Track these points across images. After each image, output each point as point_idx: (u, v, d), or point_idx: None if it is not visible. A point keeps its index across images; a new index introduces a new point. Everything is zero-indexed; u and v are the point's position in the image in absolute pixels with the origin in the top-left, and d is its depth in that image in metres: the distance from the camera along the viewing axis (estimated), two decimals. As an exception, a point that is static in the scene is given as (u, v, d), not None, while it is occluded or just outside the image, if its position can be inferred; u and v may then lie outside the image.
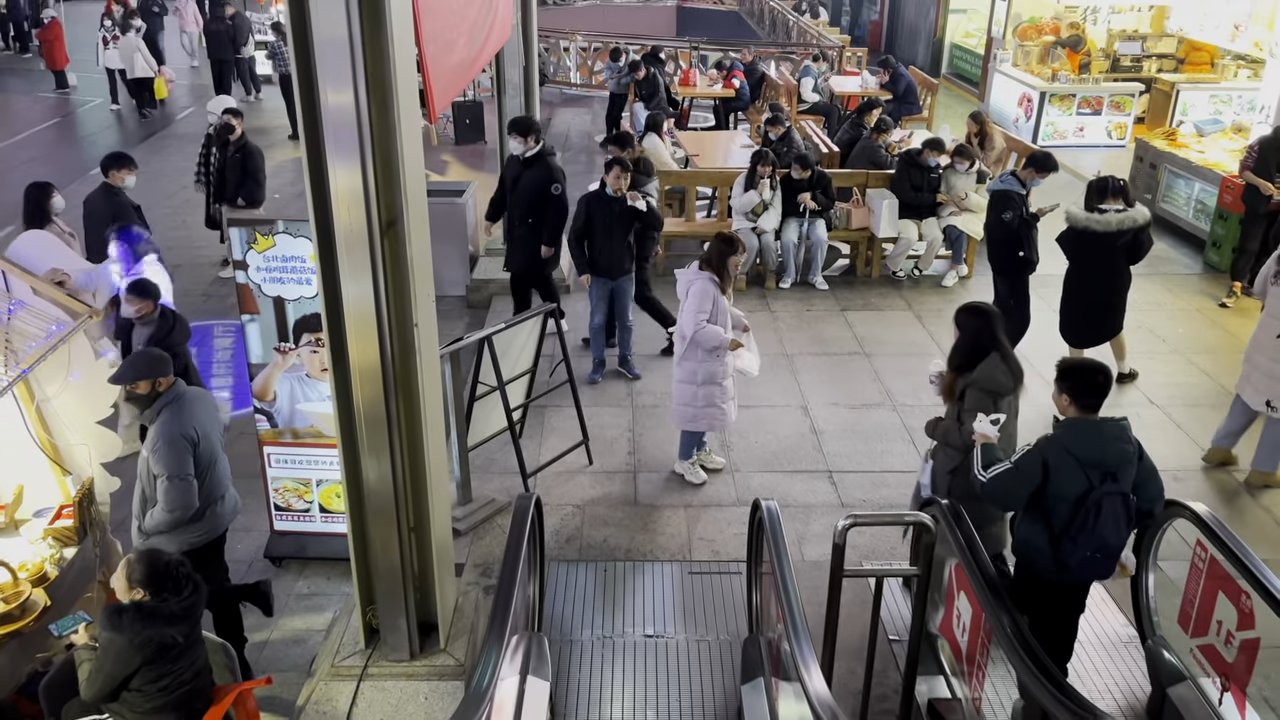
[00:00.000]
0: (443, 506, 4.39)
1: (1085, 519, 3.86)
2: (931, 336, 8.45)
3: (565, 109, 17.57)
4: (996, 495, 4.07)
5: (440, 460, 4.32)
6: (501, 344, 5.97)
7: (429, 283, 4.01)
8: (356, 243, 3.65)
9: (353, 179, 3.57)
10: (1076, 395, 4.00)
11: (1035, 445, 4.01)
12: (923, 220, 9.45)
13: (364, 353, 3.80)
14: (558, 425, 7.00)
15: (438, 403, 4.24)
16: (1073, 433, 3.94)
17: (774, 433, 6.92)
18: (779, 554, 3.94)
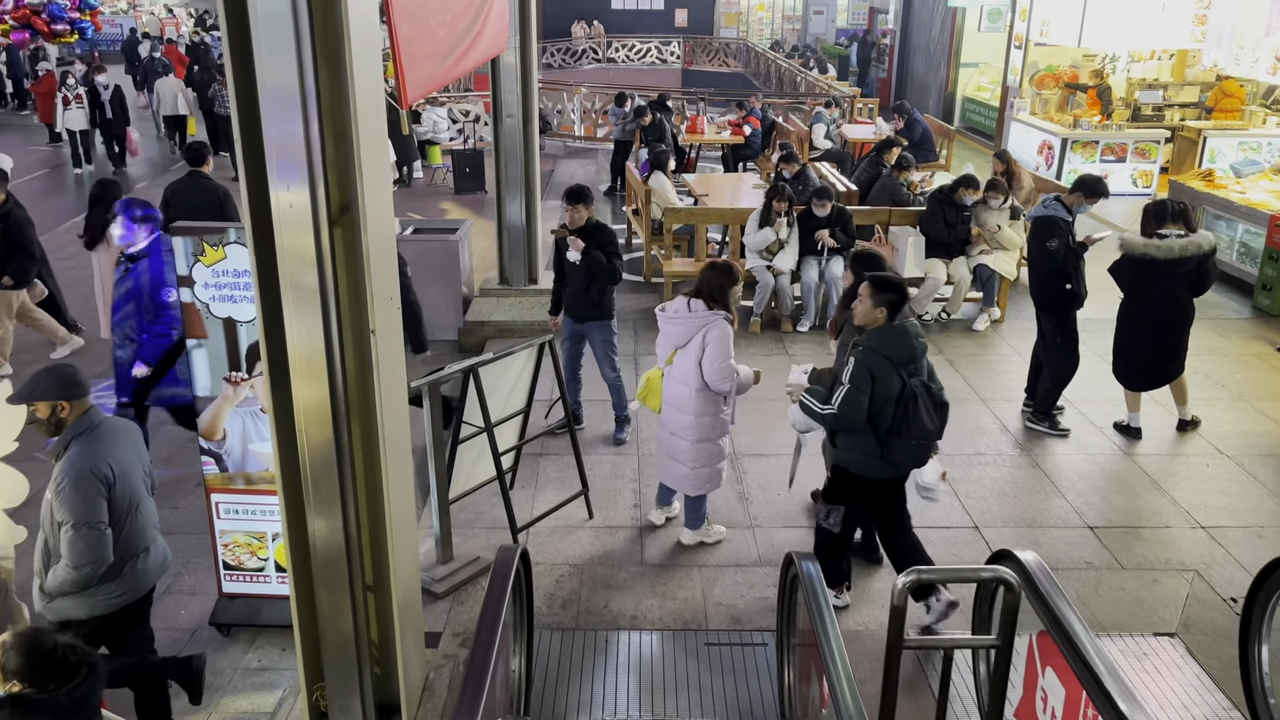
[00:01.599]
0: (409, 562, 3.62)
1: (906, 412, 4.39)
2: (966, 381, 7.70)
3: (569, 160, 17.08)
4: (849, 416, 4.40)
5: (406, 505, 3.57)
6: (490, 378, 5.23)
7: (392, 282, 3.30)
8: (299, 232, 2.96)
9: (295, 150, 2.88)
10: (894, 308, 4.44)
11: (855, 361, 4.41)
12: (951, 259, 8.77)
13: (308, 371, 3.08)
14: (554, 475, 6.23)
15: (404, 435, 3.50)
16: (885, 338, 4.40)
17: (798, 483, 6.13)
18: (823, 620, 3.15)
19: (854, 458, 4.56)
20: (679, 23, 33.44)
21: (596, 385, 7.48)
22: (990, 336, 8.64)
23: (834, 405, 4.41)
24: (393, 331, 3.36)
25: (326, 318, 3.02)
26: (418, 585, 3.81)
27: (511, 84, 8.00)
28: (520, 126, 8.20)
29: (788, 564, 3.74)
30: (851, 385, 4.35)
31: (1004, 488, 6.14)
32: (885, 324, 4.42)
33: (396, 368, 3.39)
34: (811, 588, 3.32)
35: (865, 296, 4.45)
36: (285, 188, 2.94)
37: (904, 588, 3.10)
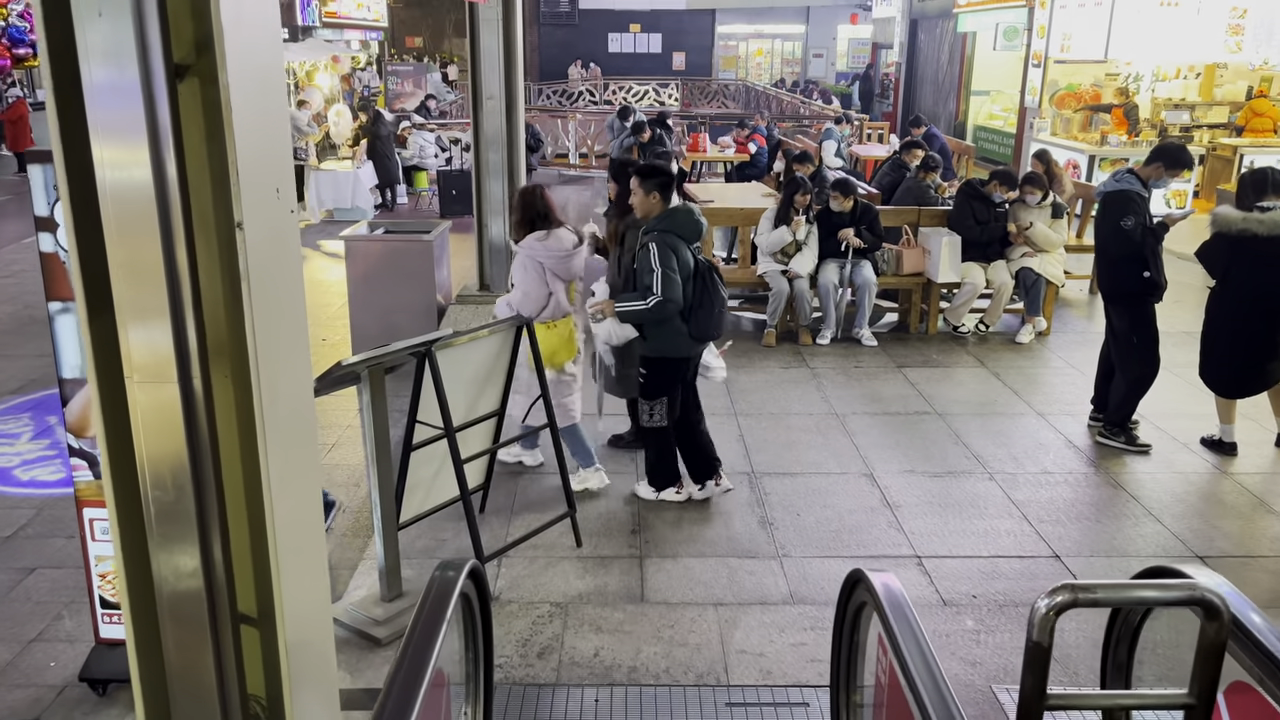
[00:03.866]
0: (311, 592, 2.53)
1: (705, 284, 4.69)
2: (1017, 394, 6.63)
3: (563, 186, 16.19)
4: (674, 296, 4.59)
5: (310, 515, 2.49)
6: (452, 365, 4.17)
7: (284, 172, 2.26)
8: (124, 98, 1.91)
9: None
10: (665, 190, 4.67)
11: (654, 248, 4.55)
12: (990, 263, 7.77)
13: (142, 299, 2.02)
14: (535, 496, 5.14)
15: (305, 418, 2.44)
16: (673, 220, 4.67)
17: (832, 506, 5.04)
18: (920, 665, 2.06)
19: (665, 342, 4.75)
20: (676, 66, 32.98)
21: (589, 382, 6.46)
22: (1037, 349, 7.59)
23: (657, 292, 4.53)
24: (286, 272, 2.32)
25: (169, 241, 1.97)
26: (326, 622, 2.71)
27: (492, 60, 7.04)
28: (502, 109, 7.24)
29: (850, 587, 2.65)
30: (664, 268, 4.53)
31: (1083, 511, 5.05)
32: (665, 207, 4.65)
33: (292, 310, 2.34)
34: (894, 618, 2.22)
35: (637, 189, 4.66)
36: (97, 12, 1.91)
37: (1052, 611, 1.99)
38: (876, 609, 2.36)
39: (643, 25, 33.33)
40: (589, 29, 32.93)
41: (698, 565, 4.47)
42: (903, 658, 2.13)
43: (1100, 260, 5.85)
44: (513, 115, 7.23)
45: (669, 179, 4.70)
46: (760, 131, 13.49)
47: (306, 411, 2.47)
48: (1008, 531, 4.81)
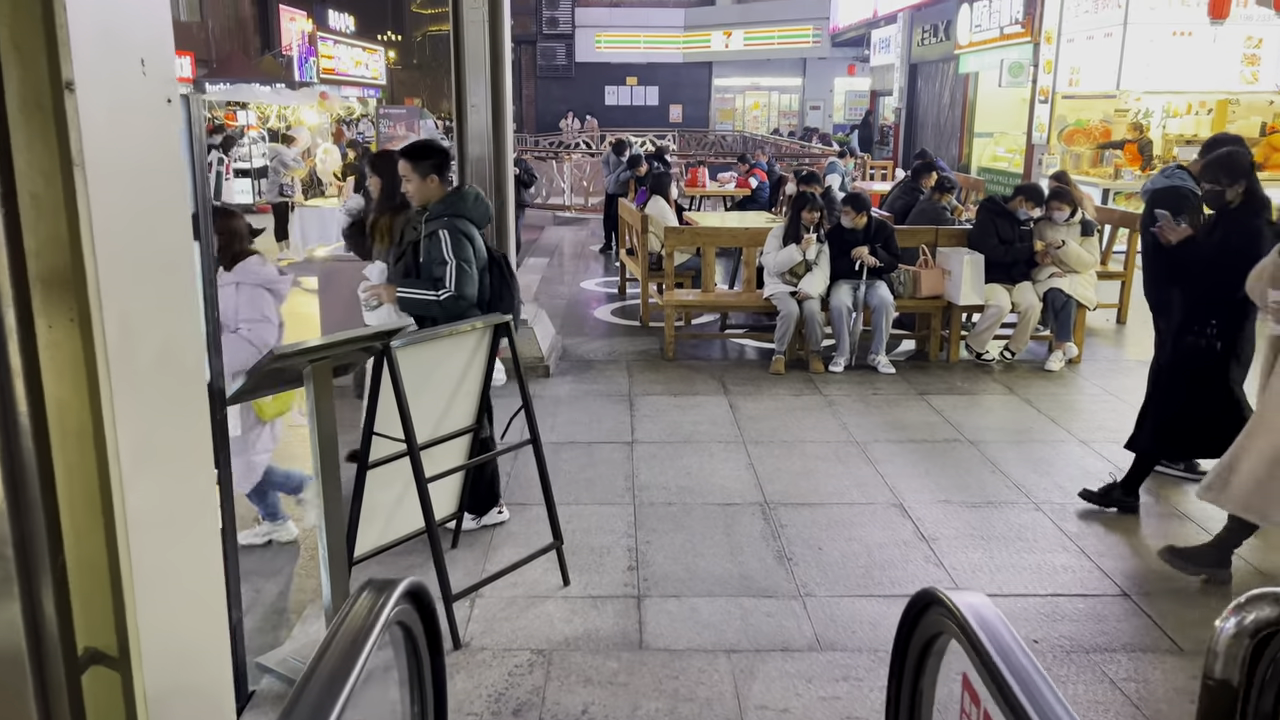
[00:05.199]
0: (190, 627, 1.89)
1: (500, 277, 4.24)
2: (1054, 420, 6.00)
3: (558, 227, 15.70)
4: (470, 290, 4.06)
5: (190, 523, 1.87)
6: (416, 369, 3.55)
7: (157, 38, 1.67)
8: None
9: None
10: (441, 170, 4.12)
11: (445, 236, 4.01)
12: (1015, 285, 7.19)
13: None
14: (517, 529, 4.47)
15: (186, 391, 1.83)
16: (461, 203, 4.10)
17: (859, 539, 4.38)
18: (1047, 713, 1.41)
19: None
20: (673, 118, 32.91)
21: (582, 409, 5.89)
22: (1069, 377, 6.97)
23: (450, 286, 3.98)
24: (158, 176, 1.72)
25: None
26: (224, 669, 2.05)
27: (478, 66, 6.52)
28: (489, 123, 6.69)
29: (915, 614, 1.99)
30: (459, 259, 3.99)
31: (1146, 544, 4.38)
32: (445, 191, 4.14)
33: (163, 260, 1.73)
34: (1005, 651, 1.57)
35: (410, 174, 4.09)
36: None
37: (1247, 635, 1.34)
38: (966, 640, 1.70)
39: (639, 78, 33.33)
40: (586, 82, 32.90)
41: (705, 606, 3.79)
42: (1015, 703, 1.48)
43: (1148, 266, 5.26)
44: (499, 124, 6.69)
45: (444, 158, 4.16)
46: (761, 166, 13.03)
47: (189, 383, 1.84)
48: (1064, 567, 4.14)
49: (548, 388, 6.61)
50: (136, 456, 1.65)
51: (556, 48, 32.90)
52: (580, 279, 11.05)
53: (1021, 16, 14.76)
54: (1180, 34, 12.10)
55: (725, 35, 31.63)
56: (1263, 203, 4.38)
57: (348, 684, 1.50)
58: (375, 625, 1.67)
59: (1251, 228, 4.31)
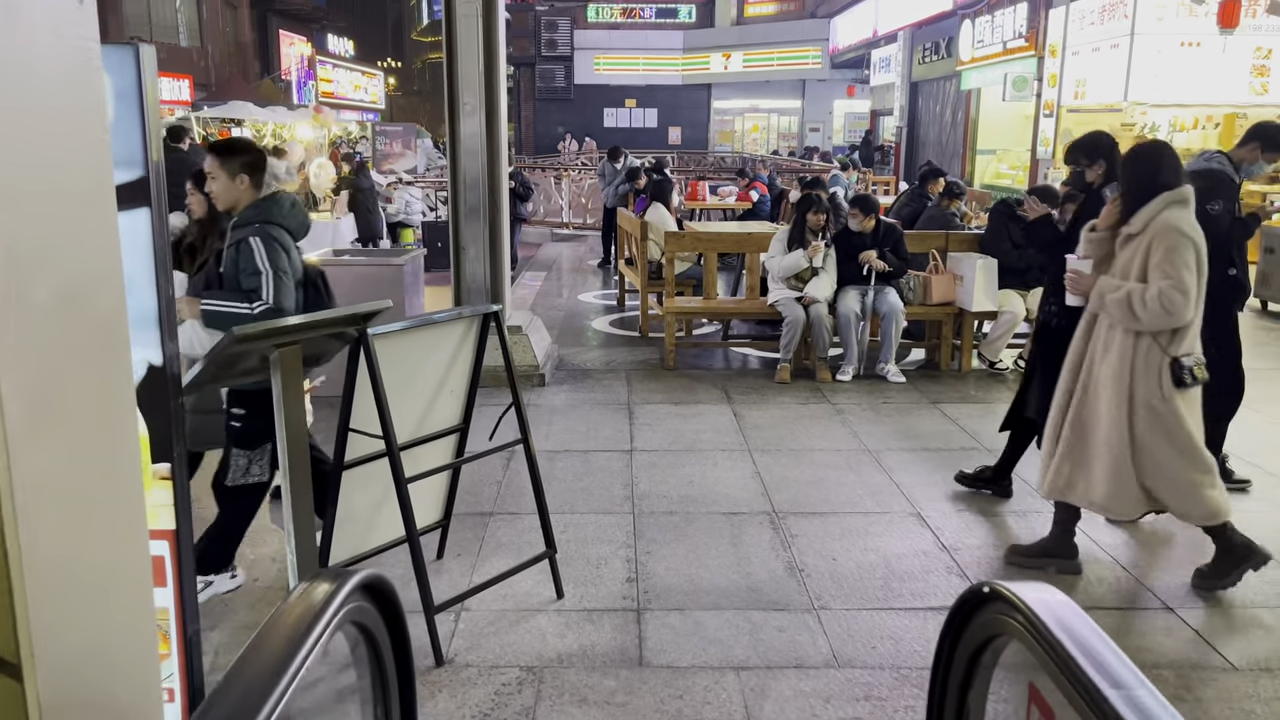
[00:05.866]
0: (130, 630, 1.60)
1: (316, 294, 3.77)
2: (1076, 430, 5.70)
3: (555, 243, 15.47)
4: (287, 304, 3.49)
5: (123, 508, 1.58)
6: (397, 360, 3.26)
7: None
8: None
9: None
10: (254, 170, 3.60)
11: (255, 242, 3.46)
12: (1030, 291, 6.91)
13: None
14: (508, 538, 4.16)
15: (109, 360, 1.54)
16: (275, 209, 3.58)
17: (876, 549, 4.07)
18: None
19: None
20: (672, 140, 32.78)
21: (579, 418, 5.61)
22: (1087, 386, 6.67)
23: (265, 298, 3.45)
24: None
25: None
26: (146, 676, 1.74)
27: (471, 59, 6.27)
28: (482, 126, 6.43)
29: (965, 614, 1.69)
30: (274, 269, 3.49)
31: (1186, 555, 4.08)
32: (258, 194, 3.61)
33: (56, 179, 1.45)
34: (1090, 653, 1.28)
35: (218, 172, 3.54)
36: None
37: None
38: (1037, 642, 1.40)
39: (638, 100, 33.26)
40: (584, 104, 32.81)
41: (711, 620, 3.48)
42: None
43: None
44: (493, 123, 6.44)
45: (258, 157, 3.64)
46: (761, 179, 12.80)
47: (102, 330, 1.56)
48: (1099, 579, 3.84)
49: (543, 396, 6.32)
50: (31, 416, 1.36)
51: (555, 70, 32.86)
52: (578, 292, 10.78)
53: (1025, 30, 14.61)
54: (1188, 44, 11.92)
55: (724, 57, 31.59)
56: None
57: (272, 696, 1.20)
58: (318, 624, 1.37)
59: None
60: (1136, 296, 3.50)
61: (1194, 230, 3.55)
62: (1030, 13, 14.52)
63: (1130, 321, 3.55)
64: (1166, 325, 3.52)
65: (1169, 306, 3.45)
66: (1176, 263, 3.47)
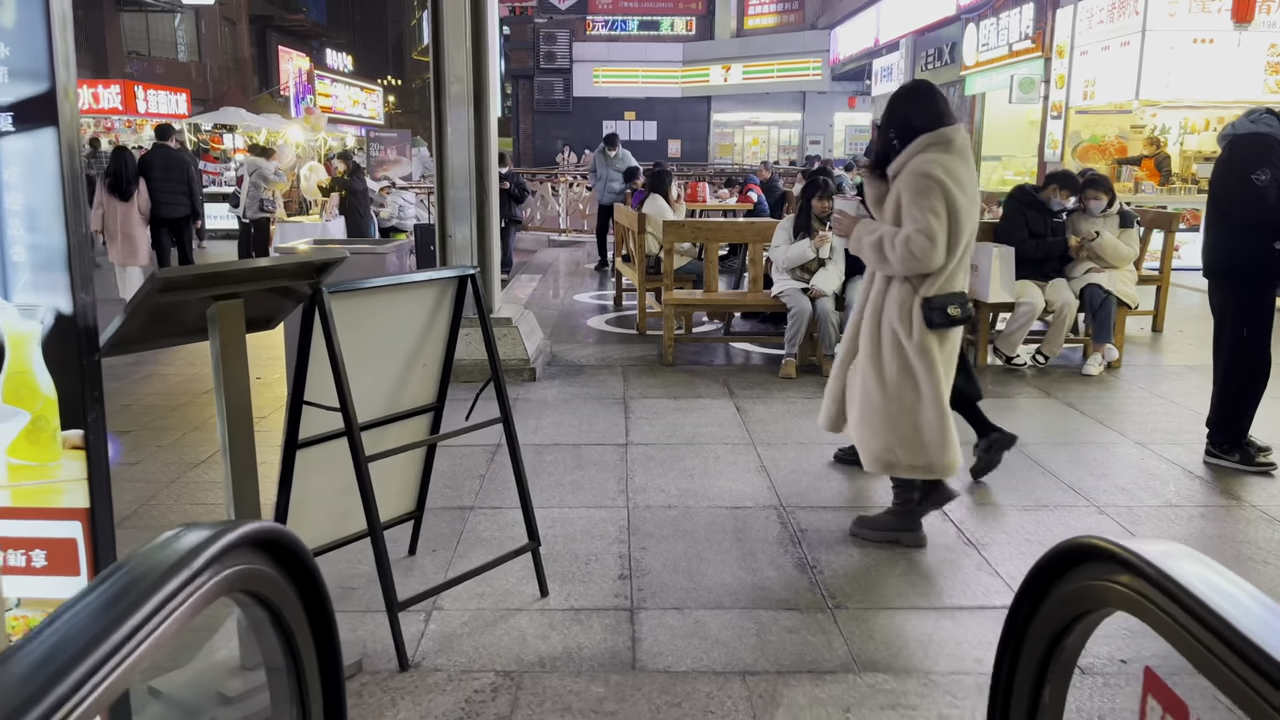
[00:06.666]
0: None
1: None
2: (1102, 422, 5.32)
3: (552, 249, 15.13)
4: None
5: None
6: (359, 325, 2.89)
7: None
8: None
9: None
10: None
11: None
12: (1048, 281, 6.55)
13: None
14: (488, 533, 3.78)
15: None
16: None
17: (897, 546, 3.68)
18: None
19: None
20: (672, 153, 32.51)
21: (571, 412, 5.27)
22: (1110, 381, 6.30)
23: None
24: None
25: None
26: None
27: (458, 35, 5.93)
28: (470, 101, 6.09)
29: (1047, 578, 1.32)
30: None
31: (1243, 550, 3.69)
32: None
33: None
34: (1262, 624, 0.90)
35: None
36: None
37: None
38: (1170, 613, 1.03)
39: (638, 113, 33.02)
40: (583, 117, 32.55)
41: (714, 620, 3.09)
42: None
43: (1213, 226, 4.61)
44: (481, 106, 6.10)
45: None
46: (754, 180, 12.47)
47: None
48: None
49: (533, 391, 5.94)
50: None
51: (554, 82, 32.66)
52: (574, 293, 10.42)
53: (1032, 31, 14.32)
54: (1201, 41, 11.61)
55: (724, 69, 31.38)
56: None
57: (54, 693, 0.81)
58: (165, 586, 0.99)
59: None
60: (888, 240, 3.39)
61: (947, 174, 3.34)
62: (1037, 13, 14.23)
63: (883, 266, 3.46)
64: (914, 271, 3.39)
65: (916, 251, 3.32)
66: (924, 207, 3.31)
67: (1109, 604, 1.24)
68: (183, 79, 36.36)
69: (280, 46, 40.60)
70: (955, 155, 3.41)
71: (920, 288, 3.42)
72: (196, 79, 38.44)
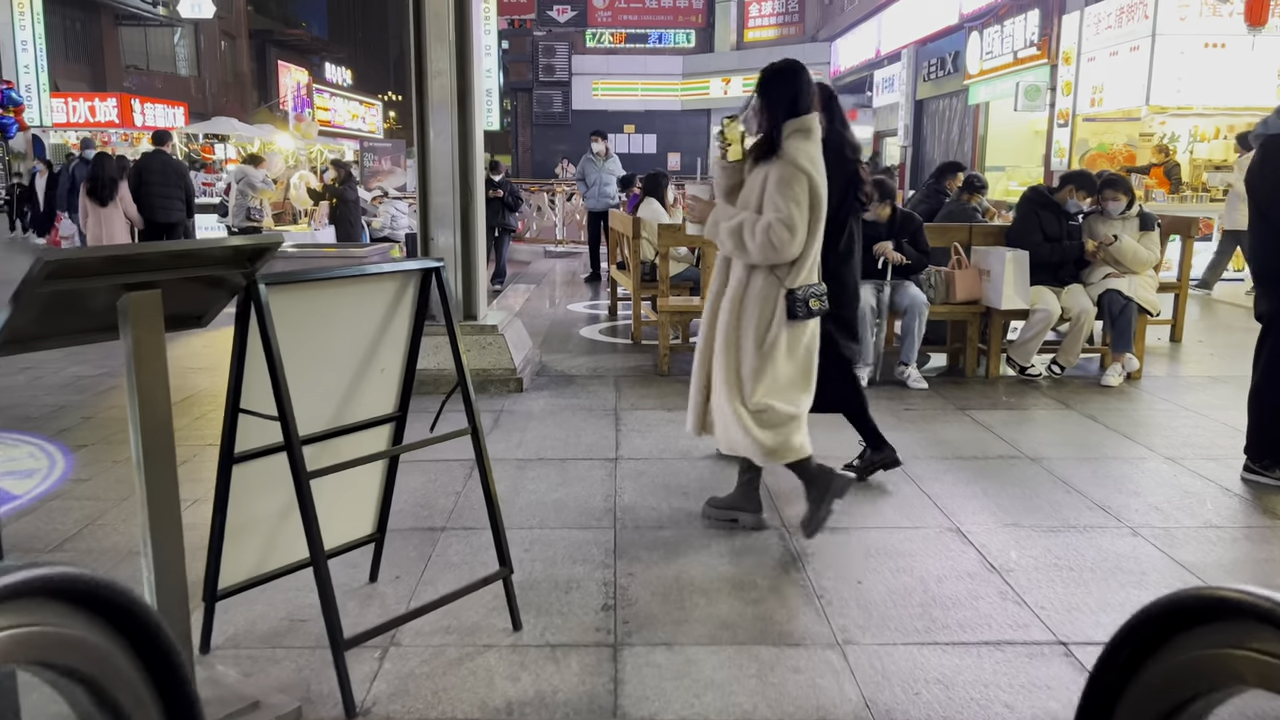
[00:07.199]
0: None
1: None
2: (1129, 437, 4.97)
3: (549, 259, 14.80)
4: None
5: None
6: (303, 320, 2.54)
7: None
8: None
9: None
10: None
11: None
12: (1064, 287, 6.20)
13: None
14: (459, 557, 3.42)
15: None
16: None
17: (910, 571, 3.32)
18: None
19: None
20: (671, 166, 32.25)
21: (558, 424, 4.95)
22: (1130, 393, 5.95)
23: None
24: None
25: None
26: None
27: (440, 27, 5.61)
28: (453, 92, 5.77)
29: (1138, 641, 0.99)
30: None
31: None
32: None
33: None
34: None
35: None
36: None
37: None
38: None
39: (637, 126, 32.75)
40: (583, 129, 32.20)
41: (708, 658, 2.73)
42: None
43: (1254, 229, 4.26)
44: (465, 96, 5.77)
45: None
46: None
47: None
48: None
49: (519, 402, 5.59)
50: None
51: (553, 95, 32.44)
52: (567, 302, 10.08)
53: (1037, 38, 14.03)
54: (1213, 45, 11.31)
55: (724, 82, 31.13)
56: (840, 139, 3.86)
57: None
58: None
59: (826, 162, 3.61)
60: (748, 226, 3.32)
61: (811, 163, 3.30)
62: (1042, 19, 13.95)
63: (740, 254, 3.39)
64: (769, 260, 3.32)
65: (775, 240, 3.26)
66: (787, 196, 3.25)
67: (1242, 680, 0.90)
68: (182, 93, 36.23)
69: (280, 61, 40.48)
70: (814, 144, 3.36)
71: (786, 278, 3.36)
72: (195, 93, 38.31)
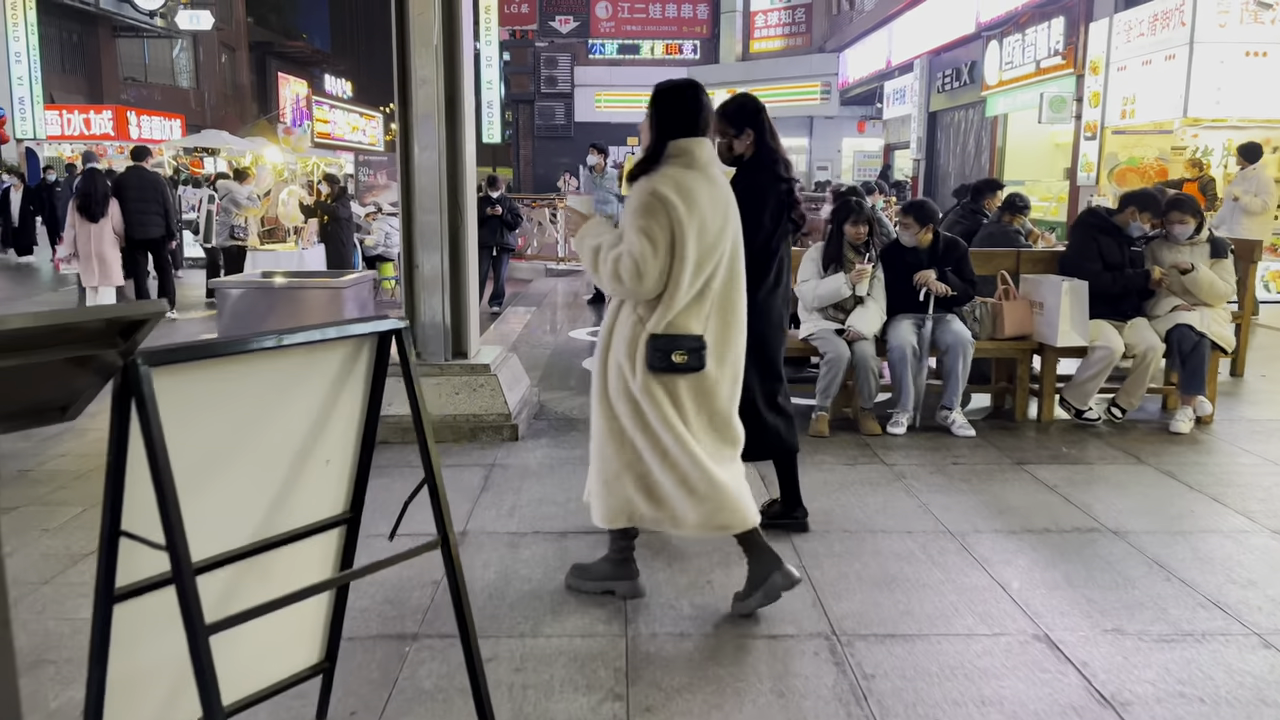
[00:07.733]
0: None
1: None
2: (1219, 501, 4.28)
3: (550, 278, 14.15)
4: None
5: None
6: (214, 408, 1.87)
7: None
8: None
9: None
10: None
11: None
12: (1127, 321, 5.53)
13: None
14: (431, 684, 2.74)
15: None
16: None
17: (999, 702, 2.63)
18: None
19: None
20: (677, 179, 31.65)
21: (557, 483, 4.27)
22: (1204, 441, 5.27)
23: None
24: None
25: None
26: None
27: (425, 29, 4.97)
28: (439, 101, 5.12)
29: None
30: None
31: None
32: None
33: None
34: None
35: None
36: None
37: None
38: None
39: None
40: (585, 142, 31.53)
41: None
42: None
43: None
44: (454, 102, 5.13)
45: None
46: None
47: None
48: None
49: (514, 454, 4.92)
50: None
51: (555, 107, 31.88)
52: (569, 329, 9.41)
53: (1062, 47, 13.39)
54: (1254, 54, 10.66)
55: (730, 94, 30.45)
56: (771, 156, 3.58)
57: None
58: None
59: (756, 183, 3.52)
60: (604, 251, 2.96)
61: (679, 193, 2.86)
62: (1068, 27, 13.31)
63: (596, 280, 3.06)
64: (622, 295, 2.96)
65: (623, 273, 2.88)
66: (638, 228, 2.87)
67: None
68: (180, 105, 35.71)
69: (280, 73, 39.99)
70: (698, 172, 2.93)
71: (649, 321, 2.92)
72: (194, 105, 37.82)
